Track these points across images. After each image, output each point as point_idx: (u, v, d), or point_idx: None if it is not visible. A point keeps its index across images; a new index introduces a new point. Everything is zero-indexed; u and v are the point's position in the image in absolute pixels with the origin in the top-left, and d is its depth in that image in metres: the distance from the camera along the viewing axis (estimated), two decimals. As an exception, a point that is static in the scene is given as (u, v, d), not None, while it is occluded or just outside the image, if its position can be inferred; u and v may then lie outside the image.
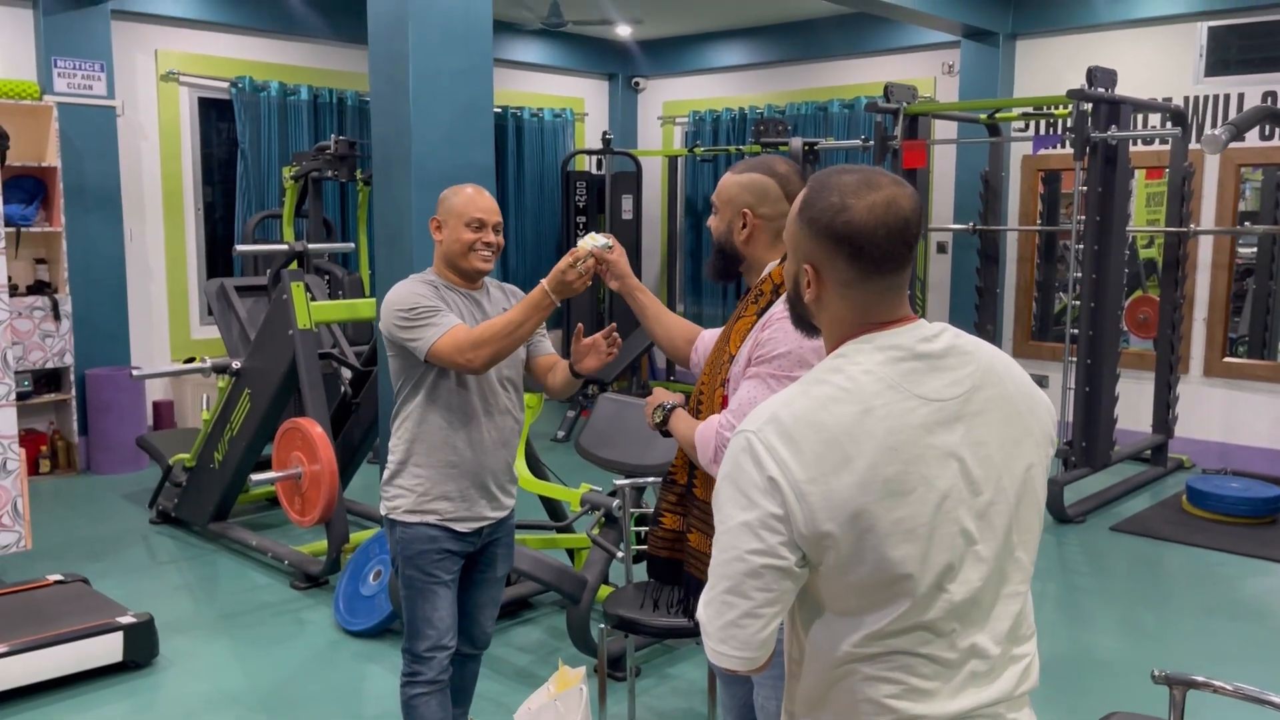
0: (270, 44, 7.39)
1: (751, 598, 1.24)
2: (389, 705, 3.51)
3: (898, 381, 1.26)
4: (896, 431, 1.24)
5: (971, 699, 1.28)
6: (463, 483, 2.60)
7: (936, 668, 1.26)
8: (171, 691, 3.61)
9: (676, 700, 3.53)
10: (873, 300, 1.31)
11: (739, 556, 1.24)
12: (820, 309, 1.35)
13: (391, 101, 4.18)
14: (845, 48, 8.11)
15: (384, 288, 4.38)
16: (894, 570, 1.23)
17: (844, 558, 1.22)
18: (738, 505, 1.25)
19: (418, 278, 2.63)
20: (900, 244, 1.28)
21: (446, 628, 2.62)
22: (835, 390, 1.26)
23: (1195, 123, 6.53)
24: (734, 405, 1.88)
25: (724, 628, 1.26)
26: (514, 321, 2.45)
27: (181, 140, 7.07)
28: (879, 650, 1.25)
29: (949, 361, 1.30)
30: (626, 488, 3.36)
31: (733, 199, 2.03)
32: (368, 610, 4.04)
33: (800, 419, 1.24)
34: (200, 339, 7.17)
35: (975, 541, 1.27)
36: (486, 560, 2.76)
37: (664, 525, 2.11)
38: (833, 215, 1.28)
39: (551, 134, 9.05)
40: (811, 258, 1.32)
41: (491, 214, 2.61)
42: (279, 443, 4.52)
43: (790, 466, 1.22)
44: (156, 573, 4.77)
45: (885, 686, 1.26)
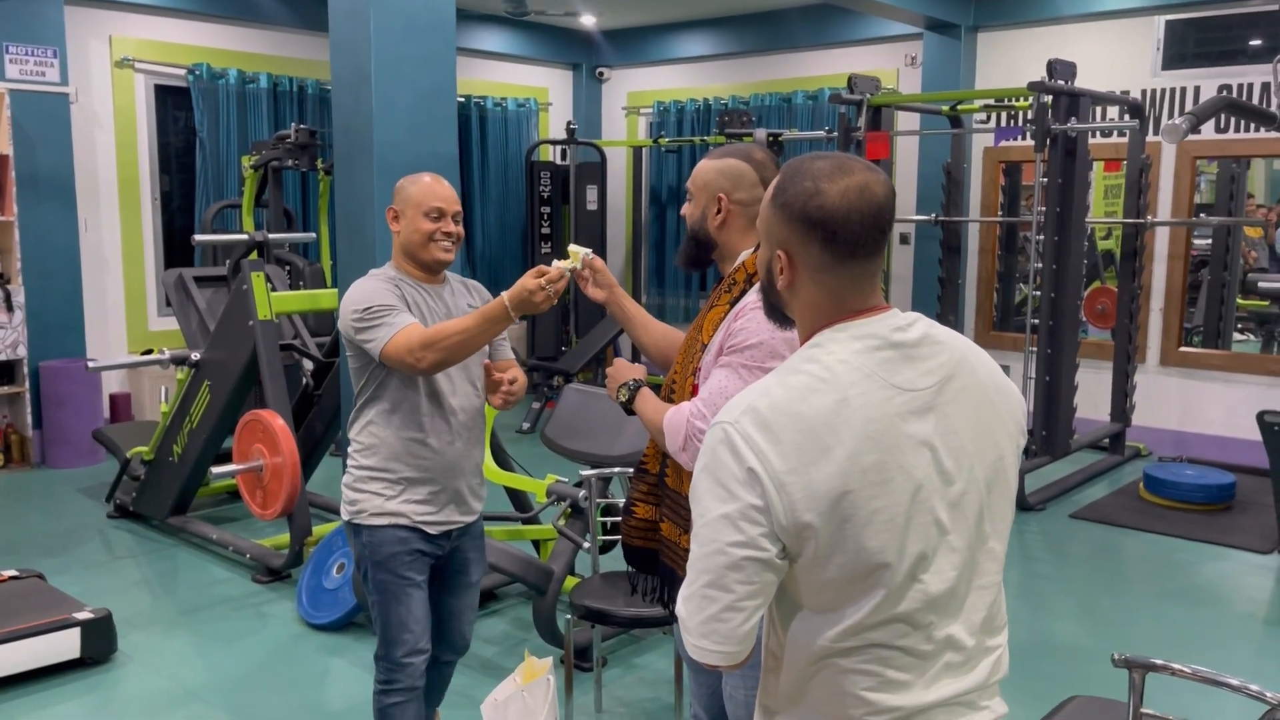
0: (228, 30, 7.28)
1: (733, 590, 1.23)
2: (353, 699, 3.49)
3: (874, 370, 1.26)
4: (874, 420, 1.23)
5: (947, 689, 1.28)
6: (431, 486, 2.52)
7: (912, 659, 1.26)
8: (130, 688, 3.55)
9: (643, 690, 3.54)
10: (845, 286, 1.30)
11: (720, 549, 1.22)
12: (793, 296, 1.34)
13: (353, 89, 4.14)
14: (809, 39, 8.13)
15: (346, 278, 4.33)
16: (871, 560, 1.22)
17: (823, 548, 1.22)
18: (716, 498, 1.23)
19: (377, 274, 2.54)
20: (873, 229, 1.28)
21: (422, 630, 2.55)
22: (812, 380, 1.25)
23: (1152, 115, 6.62)
24: (704, 394, 1.87)
25: (705, 622, 1.25)
26: (467, 329, 2.36)
27: (137, 128, 6.94)
28: (856, 644, 1.25)
29: (922, 351, 1.29)
30: (592, 478, 3.35)
31: (708, 184, 2.01)
32: (331, 603, 4.01)
33: (778, 409, 1.23)
34: (158, 330, 7.06)
35: (948, 532, 1.27)
36: (458, 565, 2.68)
37: (636, 514, 2.10)
38: (806, 200, 1.28)
39: (515, 124, 9.00)
40: (785, 243, 1.31)
41: (451, 203, 2.53)
42: (240, 435, 4.47)
43: (769, 457, 1.21)
44: (114, 568, 4.69)
45: (862, 679, 1.26)
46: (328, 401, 4.95)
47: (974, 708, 1.31)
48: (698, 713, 2.22)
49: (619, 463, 3.55)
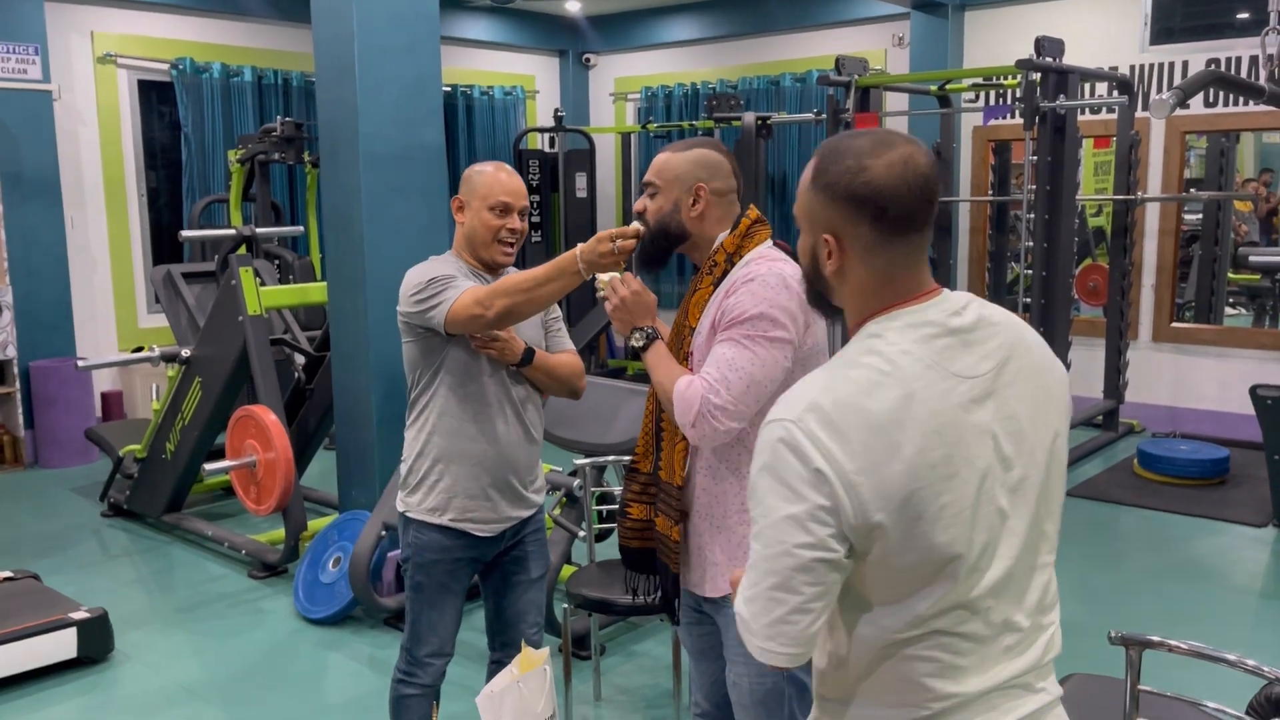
0: (211, 24, 7.22)
1: (801, 592, 1.20)
2: (352, 693, 3.48)
3: (935, 360, 1.23)
4: (939, 414, 1.20)
5: (1005, 672, 1.26)
6: (484, 480, 2.44)
7: (972, 644, 1.24)
8: (128, 687, 3.55)
9: (642, 677, 3.54)
10: (897, 265, 1.27)
11: (786, 551, 1.19)
12: (842, 281, 1.30)
13: (337, 81, 4.11)
14: (796, 21, 8.09)
15: (335, 271, 4.32)
16: (942, 554, 1.20)
17: (891, 546, 1.20)
18: (781, 498, 1.20)
19: (436, 259, 2.47)
20: (922, 201, 1.25)
21: (450, 636, 2.54)
22: (875, 374, 1.21)
23: (1141, 91, 6.61)
24: (714, 370, 1.83)
25: (772, 625, 1.22)
26: (536, 279, 2.23)
27: (121, 124, 6.89)
28: (920, 632, 1.23)
29: (979, 335, 1.27)
30: (587, 467, 3.34)
31: (682, 175, 1.98)
32: (328, 598, 4.00)
33: (843, 406, 1.19)
34: (148, 328, 7.03)
35: (1008, 517, 1.25)
36: (517, 563, 2.59)
37: (632, 515, 2.06)
38: (851, 177, 1.24)
39: (502, 112, 8.96)
40: (831, 226, 1.27)
41: (519, 197, 2.43)
42: (232, 431, 4.45)
43: (837, 457, 1.18)
44: (110, 566, 4.68)
45: (924, 666, 1.24)
46: (320, 396, 4.93)
47: (1030, 689, 1.30)
48: (699, 701, 2.21)
49: (613, 451, 3.54)
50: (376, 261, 4.13)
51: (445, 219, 4.31)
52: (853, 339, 1.29)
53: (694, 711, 2.23)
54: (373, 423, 4.19)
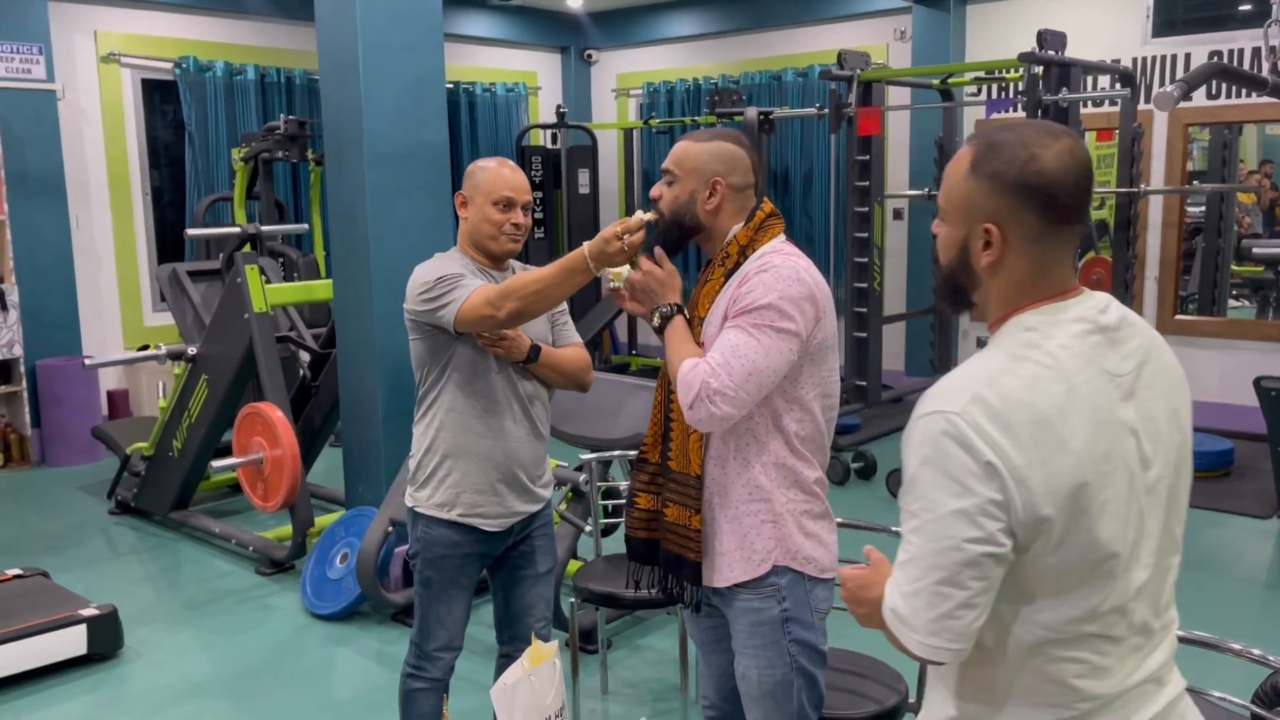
0: (214, 22, 7.23)
1: (968, 587, 1.20)
2: (360, 688, 3.50)
3: (1090, 357, 1.24)
4: (1099, 409, 1.21)
5: (1143, 670, 1.28)
6: (492, 475, 2.45)
7: (1115, 645, 1.25)
8: (138, 683, 3.57)
9: (648, 671, 3.55)
10: (1054, 257, 1.27)
11: (955, 545, 1.19)
12: (994, 273, 1.28)
13: (341, 79, 4.12)
14: (797, 15, 8.09)
15: (340, 268, 4.33)
16: (1102, 551, 1.21)
17: (1055, 541, 1.20)
18: (948, 492, 1.19)
19: (442, 256, 2.48)
20: (1085, 191, 1.25)
21: (459, 630, 2.55)
22: (1039, 368, 1.21)
23: (1143, 83, 6.60)
24: (718, 355, 1.83)
25: (936, 620, 1.22)
26: (545, 278, 2.25)
27: (125, 123, 6.91)
28: (1073, 634, 1.24)
29: (1123, 334, 1.27)
30: (593, 462, 3.36)
31: (700, 168, 1.97)
32: (335, 594, 4.02)
33: (1009, 400, 1.19)
34: (153, 326, 7.05)
35: (1147, 518, 1.26)
36: (525, 557, 2.60)
37: (639, 506, 2.06)
38: (1022, 165, 1.23)
39: (505, 109, 8.96)
40: (995, 215, 1.26)
41: (522, 192, 2.45)
42: (239, 428, 4.47)
43: (1007, 451, 1.17)
44: (118, 564, 4.70)
45: (1073, 667, 1.24)
46: (325, 393, 4.94)
47: (1161, 684, 1.31)
48: (707, 694, 2.22)
49: (619, 446, 3.55)
50: (381, 258, 4.14)
51: (449, 216, 4.32)
52: (1002, 332, 1.28)
53: (702, 704, 2.24)
54: (378, 419, 4.20)
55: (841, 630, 2.19)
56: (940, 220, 1.34)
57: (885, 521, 2.67)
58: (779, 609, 1.93)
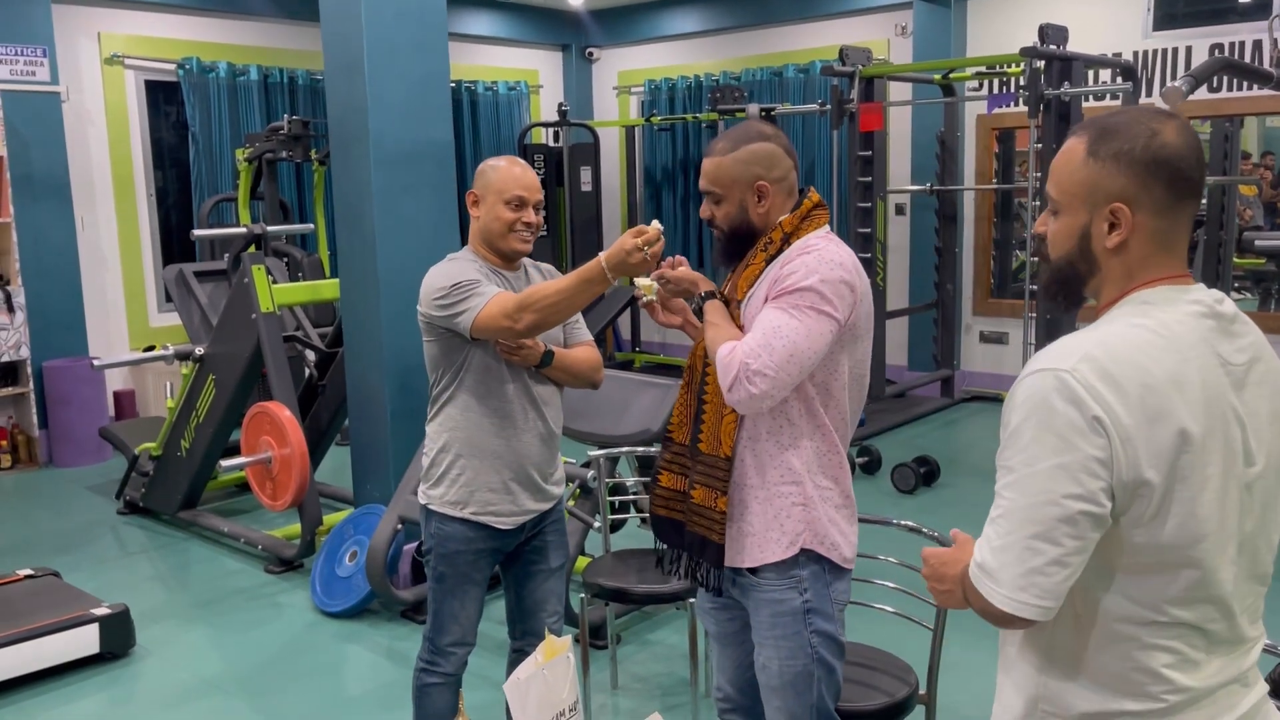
0: (216, 23, 7.25)
1: (1062, 545, 1.20)
2: (370, 685, 3.52)
3: (1206, 337, 1.25)
4: (1210, 385, 1.22)
5: (1230, 670, 1.28)
6: (505, 474, 2.47)
7: (1205, 639, 1.25)
8: (150, 681, 3.59)
9: (657, 665, 3.57)
10: (1176, 234, 1.28)
11: (1053, 500, 1.19)
12: (1116, 255, 1.29)
13: (346, 79, 4.14)
14: (798, 12, 8.10)
15: (346, 268, 4.35)
16: (1196, 528, 1.21)
17: (1152, 509, 1.20)
18: (1050, 448, 1.19)
19: (455, 257, 2.49)
20: (1204, 165, 1.27)
21: (472, 625, 2.58)
22: (1151, 335, 1.23)
23: (1145, 77, 6.61)
24: (758, 335, 1.83)
25: (1026, 574, 1.21)
26: (563, 290, 2.27)
27: (130, 125, 6.93)
28: (1164, 620, 1.24)
29: (1237, 328, 1.29)
30: (600, 459, 3.38)
31: (738, 178, 1.97)
32: (345, 591, 4.04)
33: (1120, 360, 1.20)
34: (159, 326, 7.07)
35: (1245, 514, 1.26)
36: (537, 552, 2.62)
37: (661, 483, 2.08)
38: (1148, 141, 1.25)
39: (507, 107, 8.98)
40: (1123, 193, 1.27)
41: (533, 191, 2.45)
42: (247, 427, 4.49)
43: (1115, 409, 1.18)
44: (128, 563, 4.73)
45: (1163, 655, 1.24)
46: (332, 391, 4.97)
47: (1248, 685, 1.31)
48: (722, 686, 2.22)
49: (626, 442, 3.57)
50: (388, 257, 4.16)
51: (455, 215, 4.34)
52: (1117, 306, 1.29)
53: (716, 697, 2.25)
54: (386, 417, 4.22)
55: (853, 625, 2.20)
56: (1052, 214, 1.35)
57: (890, 514, 2.69)
58: (800, 600, 1.95)
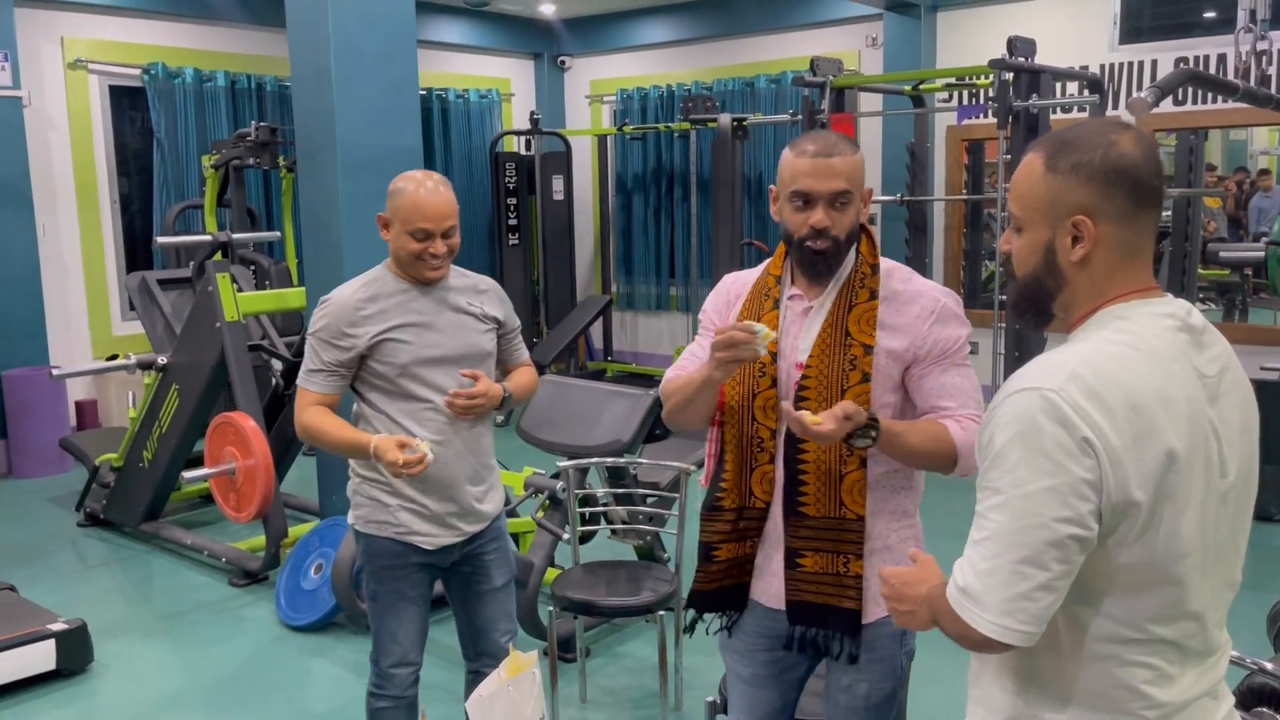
0: (183, 29, 7.16)
1: (1050, 569, 1.18)
2: (336, 699, 3.47)
3: (1184, 351, 1.24)
4: (1192, 401, 1.21)
5: (1204, 683, 1.27)
6: (426, 496, 2.40)
7: (1184, 654, 1.25)
8: (108, 698, 3.52)
9: (627, 678, 3.54)
10: (1139, 244, 1.27)
11: (1043, 524, 1.17)
12: (1082, 269, 1.28)
13: (313, 86, 4.09)
14: (770, 22, 8.12)
15: (313, 276, 4.30)
16: (1180, 546, 1.20)
17: (1139, 528, 1.19)
18: (1039, 470, 1.17)
19: (365, 278, 2.42)
20: (1162, 174, 1.27)
21: (411, 644, 2.50)
22: (1133, 352, 1.21)
23: (1111, 89, 6.68)
24: (969, 401, 1.83)
25: (1012, 599, 1.19)
26: (332, 443, 2.35)
27: (93, 130, 6.83)
28: (1143, 636, 1.23)
29: (1207, 338, 1.28)
30: (570, 469, 3.35)
31: (860, 180, 1.86)
32: (310, 604, 3.98)
33: (1105, 378, 1.18)
34: (122, 335, 6.96)
35: (1220, 524, 1.26)
36: (477, 571, 2.54)
37: (719, 558, 1.93)
38: (1106, 151, 1.25)
39: (478, 115, 8.94)
40: (1084, 206, 1.26)
41: (441, 220, 2.33)
42: (211, 438, 4.42)
43: (1104, 429, 1.16)
44: (87, 577, 4.64)
45: (1142, 671, 1.23)
46: (299, 401, 4.90)
47: (1217, 698, 1.31)
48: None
49: (596, 453, 3.54)
50: (355, 266, 4.05)
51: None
52: (1091, 321, 1.28)
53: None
54: (353, 428, 4.16)
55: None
56: (1015, 231, 1.33)
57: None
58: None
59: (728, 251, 7.31)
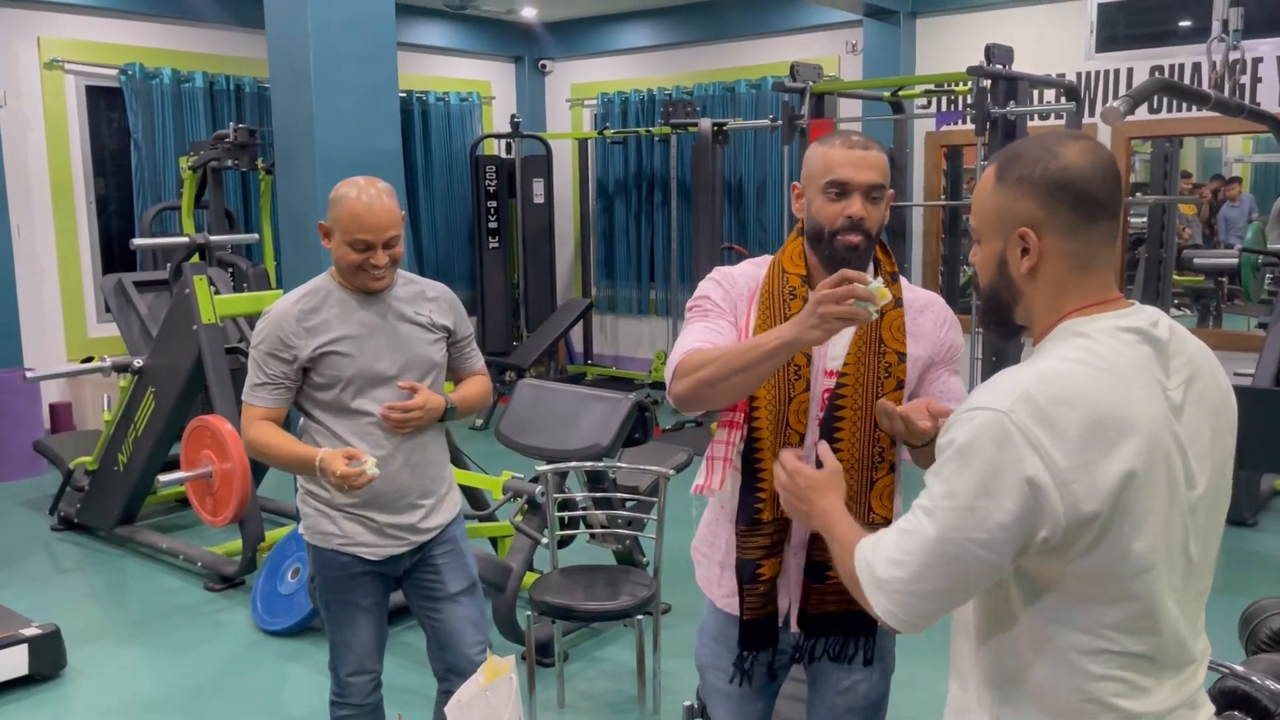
0: (161, 29, 7.11)
1: (950, 582, 1.21)
2: (314, 704, 3.45)
3: (1146, 365, 1.23)
4: (1153, 418, 1.20)
5: (1180, 694, 1.27)
6: (370, 510, 2.36)
7: (1155, 666, 1.24)
8: (82, 703, 3.48)
9: (605, 683, 3.54)
10: (1092, 256, 1.26)
11: (961, 542, 1.19)
12: (1033, 280, 1.28)
13: (292, 88, 4.08)
14: (750, 28, 8.15)
15: (291, 279, 4.28)
16: (1139, 562, 1.19)
17: (1092, 541, 1.18)
18: (976, 490, 1.18)
19: (305, 289, 2.36)
20: (1113, 184, 1.25)
21: (367, 653, 2.47)
22: (1091, 370, 1.20)
23: (1088, 97, 6.74)
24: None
25: (910, 596, 1.23)
26: (284, 459, 2.30)
27: (69, 131, 6.77)
28: (1114, 648, 1.22)
29: (1173, 348, 1.26)
30: (549, 474, 3.34)
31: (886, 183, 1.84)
32: (287, 609, 3.96)
33: (1060, 400, 1.18)
34: (98, 337, 6.90)
35: (1190, 536, 1.25)
36: (431, 577, 2.48)
37: (764, 577, 1.83)
38: (1046, 164, 1.24)
39: (459, 118, 8.92)
40: (1028, 218, 1.26)
41: (381, 231, 2.25)
42: (187, 441, 4.39)
43: (1052, 455, 1.16)
44: (61, 581, 4.59)
45: (1113, 685, 1.23)
46: (276, 404, 4.87)
47: (1195, 708, 1.30)
48: None
49: (575, 457, 3.54)
50: (334, 269, 4.10)
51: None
52: (1051, 336, 1.27)
53: None
54: (331, 431, 4.15)
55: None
56: (976, 245, 1.34)
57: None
58: None
59: (708, 255, 7.32)
